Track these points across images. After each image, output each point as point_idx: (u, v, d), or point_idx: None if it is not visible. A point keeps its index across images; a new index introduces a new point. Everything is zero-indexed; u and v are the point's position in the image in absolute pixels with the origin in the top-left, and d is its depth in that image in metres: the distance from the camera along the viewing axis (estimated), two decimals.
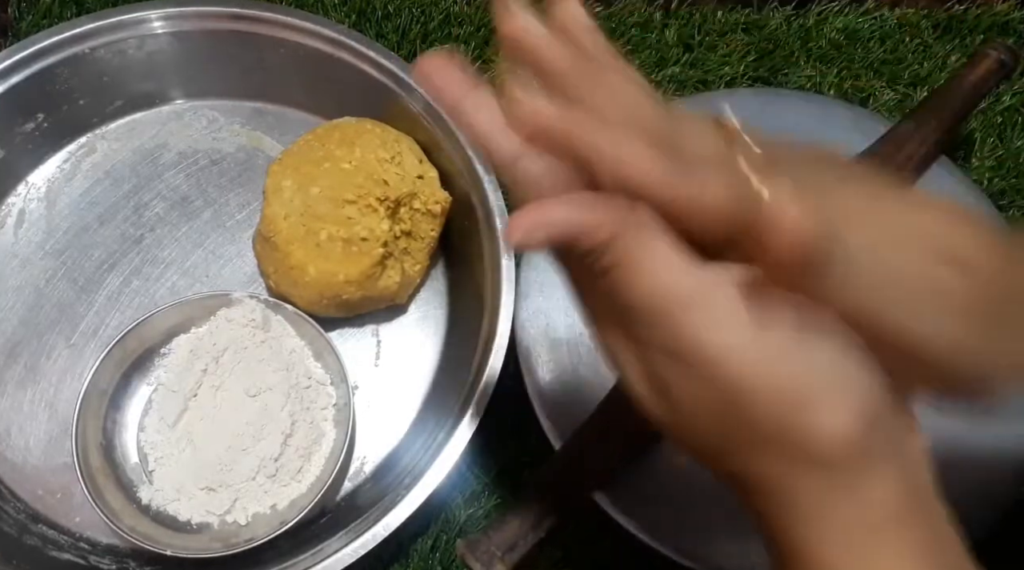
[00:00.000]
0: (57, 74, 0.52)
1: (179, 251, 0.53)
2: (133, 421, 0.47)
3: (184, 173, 0.55)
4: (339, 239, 0.46)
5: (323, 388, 0.47)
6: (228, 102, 0.57)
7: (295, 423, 0.45)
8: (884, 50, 0.60)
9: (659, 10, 0.61)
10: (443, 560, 0.46)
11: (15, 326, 0.50)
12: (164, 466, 0.45)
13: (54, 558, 0.44)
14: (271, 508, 0.45)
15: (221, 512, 0.44)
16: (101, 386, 0.46)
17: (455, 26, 0.59)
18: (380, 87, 0.52)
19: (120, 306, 0.51)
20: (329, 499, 0.47)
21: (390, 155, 0.49)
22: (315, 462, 0.46)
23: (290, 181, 0.47)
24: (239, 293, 0.48)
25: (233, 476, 0.44)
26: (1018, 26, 0.61)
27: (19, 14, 0.58)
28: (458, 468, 0.43)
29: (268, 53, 0.54)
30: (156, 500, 0.44)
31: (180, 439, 0.45)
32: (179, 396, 0.46)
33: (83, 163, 0.55)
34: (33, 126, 0.53)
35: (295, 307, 0.48)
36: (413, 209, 0.49)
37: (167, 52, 0.54)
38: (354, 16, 0.58)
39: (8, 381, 0.49)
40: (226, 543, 0.43)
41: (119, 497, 0.44)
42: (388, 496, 0.43)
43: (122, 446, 0.46)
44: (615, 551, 0.46)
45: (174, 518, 0.44)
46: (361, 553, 0.41)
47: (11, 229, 0.53)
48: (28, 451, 0.47)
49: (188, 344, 0.48)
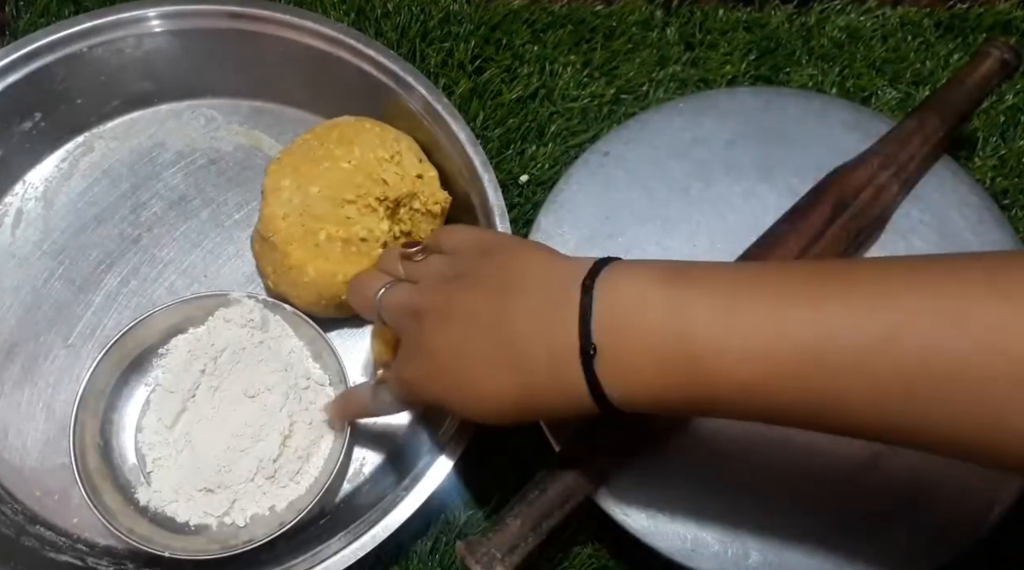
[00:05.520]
0: (55, 73, 0.52)
1: (177, 251, 0.52)
2: (131, 422, 0.47)
3: (182, 172, 0.55)
4: (338, 239, 0.46)
5: (322, 389, 0.47)
6: (226, 101, 0.56)
7: (294, 424, 0.45)
8: (886, 49, 0.59)
9: (660, 8, 0.60)
10: (443, 562, 0.45)
11: (12, 326, 0.50)
12: (162, 467, 0.45)
13: (52, 559, 0.44)
14: (270, 509, 0.44)
15: (219, 513, 0.44)
16: (99, 387, 0.45)
17: (454, 24, 0.58)
18: (379, 86, 0.52)
19: (118, 306, 0.51)
20: (328, 501, 0.46)
21: (390, 154, 0.49)
22: (314, 463, 0.45)
23: (289, 180, 0.47)
24: (237, 293, 0.47)
25: (231, 477, 0.44)
26: (1020, 25, 0.61)
27: (16, 12, 0.57)
28: (458, 469, 0.43)
29: (267, 52, 0.54)
30: (154, 501, 0.44)
31: (178, 440, 0.45)
32: (177, 397, 0.46)
33: (81, 162, 0.54)
34: (30, 125, 0.53)
35: (294, 307, 0.48)
36: (413, 209, 0.49)
37: (165, 51, 0.53)
38: (353, 14, 0.58)
39: (5, 382, 0.49)
40: (224, 545, 0.43)
41: (117, 498, 0.44)
42: (387, 497, 0.43)
43: (120, 447, 0.46)
44: (615, 551, 0.46)
45: (172, 519, 0.44)
46: (360, 554, 0.41)
47: (8, 229, 0.52)
48: (25, 452, 0.47)
49: (186, 344, 0.47)
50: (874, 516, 0.40)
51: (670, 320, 0.30)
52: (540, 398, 0.33)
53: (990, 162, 0.56)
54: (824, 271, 0.29)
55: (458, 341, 0.34)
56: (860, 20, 0.61)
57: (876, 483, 0.41)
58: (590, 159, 0.49)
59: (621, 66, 0.58)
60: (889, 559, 0.39)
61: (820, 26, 0.60)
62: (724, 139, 0.50)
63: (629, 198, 0.48)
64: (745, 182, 0.48)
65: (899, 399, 0.27)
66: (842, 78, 0.58)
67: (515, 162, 0.55)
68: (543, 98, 0.57)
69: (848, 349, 0.27)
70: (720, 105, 0.51)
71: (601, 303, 0.31)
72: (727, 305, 0.29)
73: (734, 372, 0.29)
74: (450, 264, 0.38)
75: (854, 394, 0.27)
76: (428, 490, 0.42)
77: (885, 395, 0.27)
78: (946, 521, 0.40)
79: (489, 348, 0.33)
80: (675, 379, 0.30)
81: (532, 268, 0.34)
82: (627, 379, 0.31)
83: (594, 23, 0.60)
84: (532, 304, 0.33)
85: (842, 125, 0.50)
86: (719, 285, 0.30)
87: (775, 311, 0.28)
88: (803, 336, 0.28)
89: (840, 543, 0.40)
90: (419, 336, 0.36)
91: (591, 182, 0.48)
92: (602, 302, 0.31)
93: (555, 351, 0.32)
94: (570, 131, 0.56)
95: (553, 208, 0.48)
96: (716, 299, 0.29)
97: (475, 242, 0.38)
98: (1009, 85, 0.58)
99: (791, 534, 0.40)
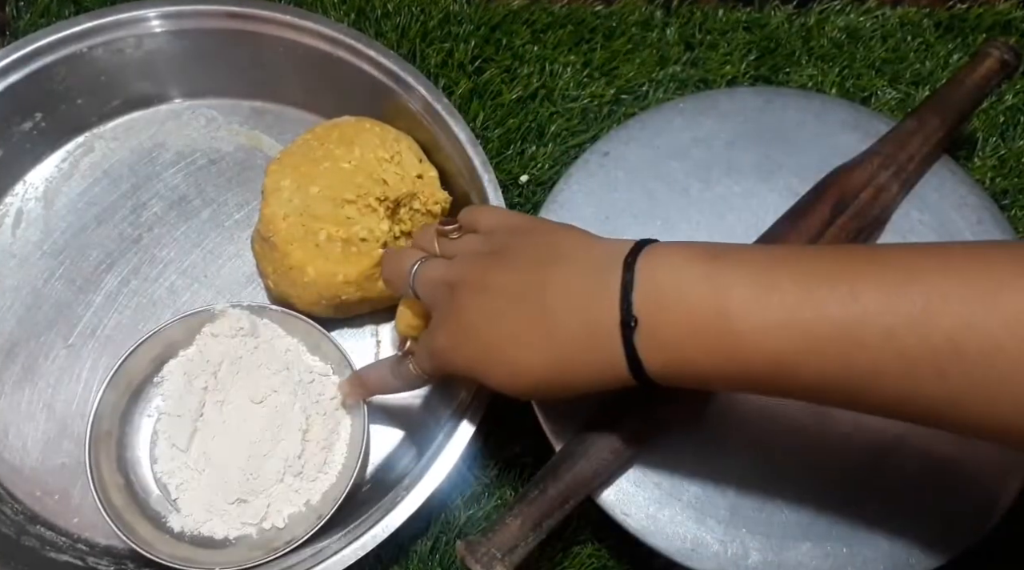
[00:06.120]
0: (55, 73, 0.52)
1: (177, 251, 0.52)
2: (144, 455, 0.46)
3: (182, 172, 0.55)
4: (338, 239, 0.46)
5: (327, 379, 0.47)
6: (226, 101, 0.56)
7: (309, 418, 0.45)
8: (886, 49, 0.59)
9: (660, 8, 0.61)
10: (443, 561, 0.45)
11: (12, 326, 0.50)
12: (187, 491, 0.45)
13: (52, 559, 0.44)
14: (305, 505, 0.45)
15: (257, 521, 0.44)
16: (104, 428, 0.45)
17: (454, 25, 0.58)
18: (379, 86, 0.52)
19: (118, 306, 0.51)
20: (361, 478, 0.46)
21: (390, 154, 0.49)
22: (338, 450, 0.46)
23: (289, 180, 0.47)
24: (221, 305, 0.47)
25: (261, 483, 0.44)
26: (1020, 25, 0.61)
27: (17, 12, 0.57)
28: (458, 469, 0.43)
29: (267, 52, 0.54)
30: (188, 525, 0.44)
31: (197, 461, 0.45)
32: (185, 420, 0.45)
33: (81, 163, 0.55)
34: (31, 125, 0.53)
35: (293, 308, 0.48)
36: (413, 209, 0.49)
37: (165, 51, 0.53)
38: (353, 15, 0.58)
39: (5, 382, 0.49)
40: (267, 549, 0.43)
41: (152, 530, 0.44)
42: (388, 497, 0.43)
43: (140, 481, 0.46)
44: (615, 551, 0.46)
45: (210, 538, 0.44)
46: (360, 554, 0.41)
47: (9, 229, 0.53)
48: (26, 452, 0.47)
49: (180, 368, 0.47)
50: (874, 517, 0.40)
51: (710, 297, 0.31)
52: (571, 371, 0.34)
53: (990, 162, 0.56)
54: (856, 253, 0.31)
55: (492, 311, 0.35)
56: (860, 20, 0.61)
57: (876, 484, 0.41)
58: (590, 159, 0.49)
59: (621, 66, 0.58)
60: (889, 559, 0.39)
61: (820, 26, 0.60)
62: (724, 139, 0.50)
63: (629, 198, 0.48)
64: (745, 182, 0.48)
65: (932, 378, 0.28)
66: (842, 78, 0.58)
67: (515, 162, 0.55)
68: (543, 98, 0.57)
69: (880, 327, 0.28)
70: (720, 105, 0.51)
71: (643, 279, 0.32)
72: (765, 283, 0.30)
73: (772, 347, 0.30)
74: (485, 241, 0.39)
75: (887, 372, 0.28)
76: (428, 490, 0.42)
77: (917, 374, 0.28)
78: (946, 525, 0.40)
79: (524, 318, 0.34)
80: (714, 353, 0.31)
81: (569, 246, 0.36)
82: (666, 352, 0.32)
83: (594, 23, 0.60)
84: (570, 279, 0.34)
85: (842, 125, 0.50)
86: (756, 265, 0.31)
87: (811, 290, 0.29)
88: (838, 314, 0.29)
89: (840, 543, 0.40)
90: (452, 306, 0.37)
91: (591, 182, 0.48)
92: (644, 278, 0.32)
93: (593, 324, 0.33)
94: (570, 131, 0.56)
95: (553, 208, 0.48)
96: (754, 277, 0.30)
97: (511, 222, 0.39)
98: (1009, 85, 0.58)
99: (791, 534, 0.40)
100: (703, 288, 0.31)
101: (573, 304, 0.33)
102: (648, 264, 0.32)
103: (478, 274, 0.36)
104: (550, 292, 0.34)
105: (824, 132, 0.50)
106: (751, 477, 0.41)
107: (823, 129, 0.50)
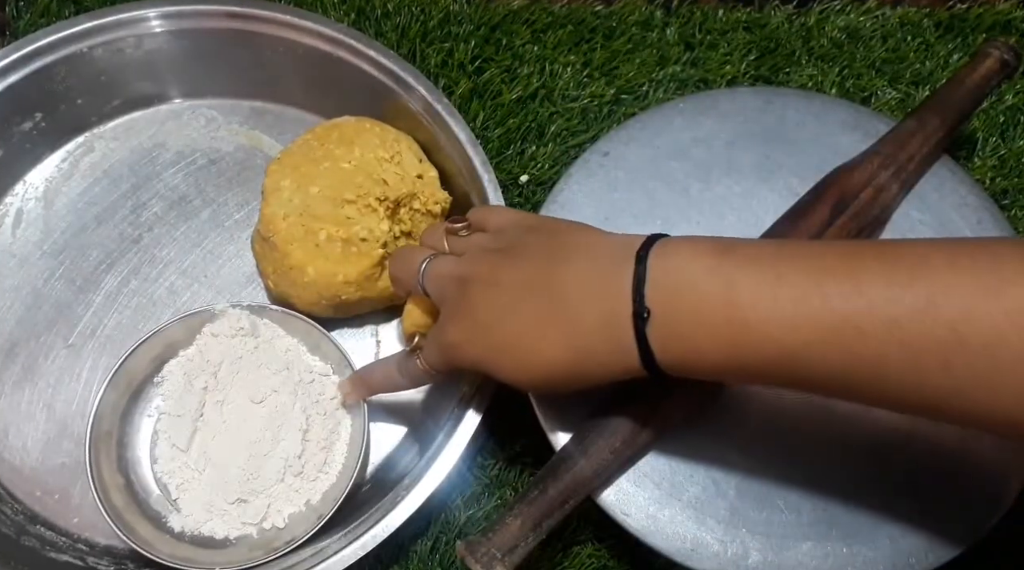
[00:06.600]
0: (55, 73, 0.52)
1: (177, 251, 0.52)
2: (144, 455, 0.46)
3: (182, 173, 0.55)
4: (338, 239, 0.46)
5: (327, 379, 0.47)
6: (226, 101, 0.57)
7: (309, 418, 0.45)
8: (886, 49, 0.59)
9: (660, 8, 0.61)
10: (443, 561, 0.45)
11: (12, 326, 0.50)
12: (187, 491, 0.45)
13: (52, 559, 0.44)
14: (305, 505, 0.45)
15: (257, 521, 0.44)
16: (104, 428, 0.45)
17: (454, 24, 0.58)
18: (379, 86, 0.52)
19: (118, 306, 0.51)
20: (361, 477, 0.46)
21: (390, 154, 0.49)
22: (338, 450, 0.46)
23: (289, 180, 0.47)
24: (221, 305, 0.47)
25: (261, 483, 0.44)
26: (1020, 25, 0.61)
27: (17, 12, 0.57)
28: (458, 469, 0.43)
29: (267, 52, 0.54)
30: (188, 525, 0.44)
31: (197, 461, 0.45)
32: (185, 419, 0.45)
33: (81, 162, 0.55)
34: (31, 125, 0.53)
35: (293, 308, 0.48)
36: (413, 209, 0.49)
37: (165, 51, 0.53)
38: (353, 15, 0.58)
39: (6, 382, 0.49)
40: (268, 549, 0.43)
41: (152, 530, 0.44)
42: (388, 497, 0.43)
43: (140, 481, 0.46)
44: (615, 551, 0.46)
45: (211, 538, 0.44)
46: (361, 554, 0.41)
47: (9, 229, 0.53)
48: (26, 452, 0.47)
49: (180, 368, 0.47)
50: (874, 517, 0.40)
51: (720, 289, 0.31)
52: (589, 361, 0.34)
53: (990, 162, 0.56)
54: (862, 248, 0.31)
55: (504, 305, 0.36)
56: (860, 20, 0.61)
57: (876, 484, 0.41)
58: (590, 159, 0.49)
59: (621, 66, 0.58)
60: (889, 559, 0.39)
61: (820, 26, 0.60)
62: (724, 139, 0.50)
63: (629, 198, 0.48)
64: (745, 182, 0.48)
65: (936, 369, 0.28)
66: (842, 78, 0.58)
67: (515, 162, 0.55)
68: (543, 98, 0.57)
69: (885, 318, 0.28)
70: (720, 105, 0.51)
71: (655, 271, 0.33)
72: (774, 276, 0.31)
73: (780, 338, 0.30)
74: (495, 239, 0.39)
75: (892, 362, 0.29)
76: (428, 490, 0.42)
77: (922, 365, 0.28)
78: (947, 525, 0.40)
79: (538, 312, 0.35)
80: (723, 344, 0.31)
81: (580, 241, 0.36)
82: (677, 343, 0.32)
83: (594, 23, 0.60)
84: (583, 272, 0.34)
85: (842, 125, 0.50)
86: (765, 258, 0.32)
87: (818, 283, 0.30)
88: (844, 306, 0.29)
89: (840, 543, 0.40)
90: (463, 302, 0.37)
91: (591, 182, 0.48)
92: (656, 271, 0.33)
93: (607, 315, 0.33)
94: (570, 131, 0.56)
95: (553, 208, 0.48)
96: (763, 271, 0.31)
97: (520, 220, 0.40)
98: (1009, 85, 0.58)
99: (791, 534, 0.40)
100: (713, 281, 0.31)
101: (588, 296, 0.34)
102: (660, 258, 0.33)
103: (489, 269, 0.37)
104: (564, 286, 0.34)
105: (824, 132, 0.50)
106: (751, 477, 0.41)
107: (823, 129, 0.50)
